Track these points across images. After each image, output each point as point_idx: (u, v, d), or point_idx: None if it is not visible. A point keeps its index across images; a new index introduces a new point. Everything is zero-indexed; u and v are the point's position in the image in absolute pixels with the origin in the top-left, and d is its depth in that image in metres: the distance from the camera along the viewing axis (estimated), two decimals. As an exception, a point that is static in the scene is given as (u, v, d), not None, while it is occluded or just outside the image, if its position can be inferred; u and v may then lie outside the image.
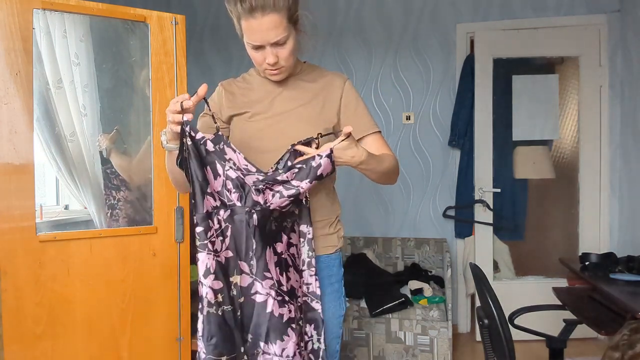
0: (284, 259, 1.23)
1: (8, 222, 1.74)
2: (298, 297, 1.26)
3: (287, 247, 1.25)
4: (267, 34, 1.20)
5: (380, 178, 1.36)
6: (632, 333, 1.05)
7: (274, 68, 1.28)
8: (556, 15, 3.33)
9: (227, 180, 1.18)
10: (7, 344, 1.73)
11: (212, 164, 1.18)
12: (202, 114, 1.42)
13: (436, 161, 3.56)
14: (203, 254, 1.15)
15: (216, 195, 1.17)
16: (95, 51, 2.15)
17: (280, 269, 1.22)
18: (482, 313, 1.76)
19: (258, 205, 1.19)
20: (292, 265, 1.26)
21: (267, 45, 1.23)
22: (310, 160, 1.17)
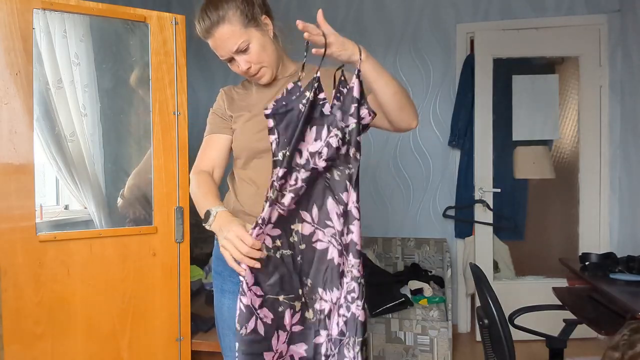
0: (348, 210, 1.18)
1: (8, 222, 1.74)
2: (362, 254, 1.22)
3: (357, 197, 1.19)
4: (226, 45, 1.28)
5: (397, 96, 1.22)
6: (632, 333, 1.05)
7: (251, 74, 1.32)
8: (556, 15, 3.33)
9: (325, 148, 1.14)
10: (7, 344, 1.73)
11: (319, 126, 1.15)
12: (212, 111, 1.44)
13: (436, 161, 3.56)
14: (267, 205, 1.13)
15: (306, 154, 1.15)
16: (95, 51, 2.15)
17: (344, 220, 1.18)
18: (482, 313, 1.76)
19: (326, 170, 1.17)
20: (359, 219, 1.19)
21: (234, 56, 1.29)
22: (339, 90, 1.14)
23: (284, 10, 3.60)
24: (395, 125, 1.28)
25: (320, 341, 1.21)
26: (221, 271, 1.44)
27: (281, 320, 1.18)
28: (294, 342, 1.21)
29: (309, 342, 1.21)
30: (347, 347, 1.19)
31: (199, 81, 3.67)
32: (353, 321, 1.18)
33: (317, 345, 1.21)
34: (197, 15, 1.29)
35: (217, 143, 1.41)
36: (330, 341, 1.21)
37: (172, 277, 2.05)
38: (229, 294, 1.41)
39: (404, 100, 1.23)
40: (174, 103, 2.04)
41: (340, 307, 1.19)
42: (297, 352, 1.21)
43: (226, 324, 1.42)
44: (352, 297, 1.19)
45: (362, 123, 1.15)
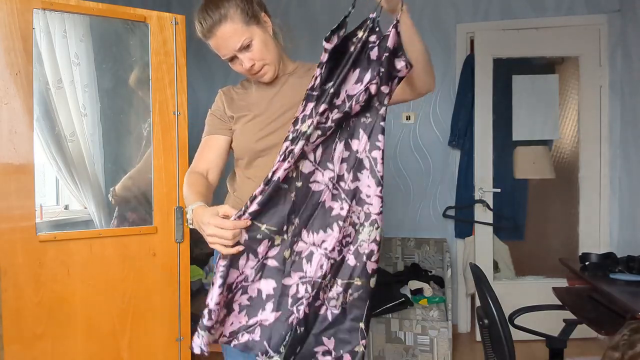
0: (359, 159, 1.17)
1: (8, 222, 1.74)
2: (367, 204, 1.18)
3: (370, 147, 1.17)
4: (228, 43, 1.27)
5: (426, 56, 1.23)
6: (632, 333, 1.05)
7: (254, 71, 1.32)
8: (556, 15, 3.33)
9: (363, 93, 1.13)
10: (7, 344, 1.73)
11: (363, 70, 1.13)
12: (210, 112, 1.43)
13: (436, 161, 3.56)
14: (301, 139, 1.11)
15: (343, 95, 1.13)
16: (95, 51, 2.15)
17: (347, 165, 1.18)
18: (482, 313, 1.76)
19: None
20: (370, 169, 1.17)
21: (236, 54, 1.29)
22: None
23: (284, 9, 3.60)
24: (418, 88, 1.28)
25: (289, 282, 1.18)
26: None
27: (254, 246, 1.15)
28: (265, 276, 1.18)
29: (279, 281, 1.18)
30: (324, 289, 1.18)
31: (199, 81, 3.67)
32: (341, 264, 1.18)
33: (284, 286, 1.18)
34: (197, 16, 1.29)
35: (215, 144, 1.40)
36: (307, 284, 1.18)
37: (172, 277, 2.05)
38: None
39: (429, 60, 1.25)
40: (174, 103, 2.04)
41: (332, 250, 1.17)
42: (265, 287, 1.18)
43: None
44: (346, 241, 1.19)
45: (398, 75, 1.14)
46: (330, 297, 1.19)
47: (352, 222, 1.19)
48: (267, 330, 1.17)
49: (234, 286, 1.16)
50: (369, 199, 1.17)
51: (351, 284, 1.19)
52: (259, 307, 1.18)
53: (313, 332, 1.19)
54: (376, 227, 1.17)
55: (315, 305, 1.19)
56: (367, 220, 1.18)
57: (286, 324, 1.17)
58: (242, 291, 1.17)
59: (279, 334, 1.17)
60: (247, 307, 1.18)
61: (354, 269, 1.19)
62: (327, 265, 1.17)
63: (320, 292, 1.18)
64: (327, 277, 1.18)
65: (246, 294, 1.17)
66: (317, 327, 1.19)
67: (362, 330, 1.20)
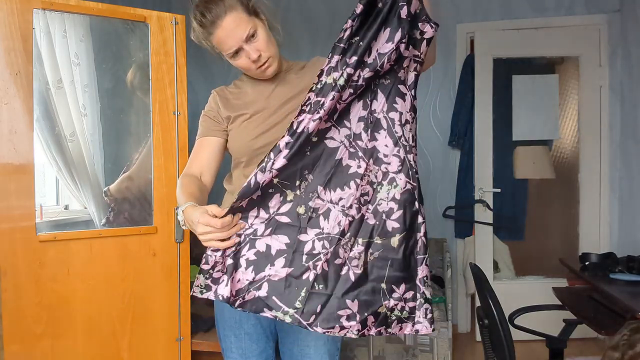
0: (377, 118, 1.18)
1: (8, 222, 1.74)
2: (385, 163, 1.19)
3: (388, 108, 1.18)
4: (235, 33, 1.25)
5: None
6: (632, 333, 1.05)
7: (260, 63, 1.29)
8: (556, 15, 3.33)
9: (394, 52, 1.13)
10: (7, 344, 1.73)
11: (394, 29, 1.12)
12: (204, 113, 1.42)
13: (436, 161, 3.56)
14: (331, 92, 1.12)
15: (374, 54, 1.13)
16: (95, 51, 2.15)
17: (365, 125, 1.18)
18: (482, 313, 1.76)
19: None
20: (387, 129, 1.18)
21: (242, 45, 1.26)
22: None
23: (283, 9, 3.60)
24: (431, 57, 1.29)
25: (305, 239, 1.17)
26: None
27: (266, 200, 1.15)
28: (276, 232, 1.17)
29: (293, 237, 1.17)
30: (345, 247, 1.18)
31: (199, 81, 3.67)
32: (360, 223, 1.18)
33: (300, 243, 1.17)
34: (196, 11, 1.26)
35: (209, 146, 1.39)
36: (324, 240, 1.18)
37: (172, 277, 2.05)
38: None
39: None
40: (174, 103, 2.04)
41: (350, 207, 1.18)
42: (275, 243, 1.17)
43: (227, 325, 1.41)
44: (364, 200, 1.19)
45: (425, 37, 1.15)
46: (352, 257, 1.18)
47: (369, 180, 1.20)
48: (277, 285, 1.16)
49: (242, 239, 1.15)
50: (387, 158, 1.19)
51: (371, 243, 1.19)
52: (267, 262, 1.16)
53: (335, 295, 1.16)
54: (394, 186, 1.19)
55: (335, 264, 1.17)
56: (386, 179, 1.19)
57: (301, 280, 1.16)
58: (250, 245, 1.16)
59: (293, 289, 1.16)
60: (254, 262, 1.16)
61: (373, 228, 1.19)
62: (345, 222, 1.18)
63: (340, 249, 1.17)
64: (347, 235, 1.18)
65: (254, 248, 1.16)
66: (339, 288, 1.17)
67: (383, 290, 1.18)
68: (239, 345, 1.41)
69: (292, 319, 1.14)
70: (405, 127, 1.20)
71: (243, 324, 1.40)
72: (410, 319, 1.19)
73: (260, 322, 1.41)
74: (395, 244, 1.18)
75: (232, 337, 1.41)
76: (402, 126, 1.19)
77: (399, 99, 1.18)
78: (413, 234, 1.20)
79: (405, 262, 1.18)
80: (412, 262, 1.19)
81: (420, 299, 1.19)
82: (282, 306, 1.15)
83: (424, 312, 1.19)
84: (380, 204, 1.19)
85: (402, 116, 1.19)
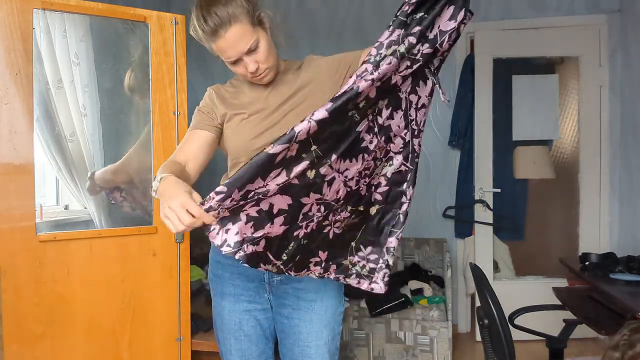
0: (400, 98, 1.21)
1: (8, 222, 1.74)
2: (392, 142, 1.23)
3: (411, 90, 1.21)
4: (237, 45, 1.23)
5: None
6: (632, 333, 1.05)
7: (258, 74, 1.29)
8: (556, 15, 3.33)
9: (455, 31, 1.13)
10: (7, 344, 1.73)
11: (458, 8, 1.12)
12: (198, 109, 1.41)
13: (436, 161, 3.56)
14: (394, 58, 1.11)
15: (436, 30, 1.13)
16: (95, 51, 2.15)
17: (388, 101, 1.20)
18: (482, 313, 1.76)
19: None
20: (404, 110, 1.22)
21: (242, 56, 1.25)
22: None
23: (283, 10, 3.60)
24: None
25: (306, 202, 1.16)
26: (221, 274, 1.43)
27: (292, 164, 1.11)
28: (283, 192, 1.13)
29: (296, 199, 1.15)
30: (334, 212, 1.22)
31: (199, 81, 3.67)
32: (354, 194, 1.23)
33: (300, 204, 1.16)
34: (198, 14, 1.22)
35: (197, 138, 1.36)
36: (322, 204, 1.18)
37: (172, 277, 2.05)
38: (229, 297, 1.40)
39: None
40: (174, 103, 2.04)
41: (351, 179, 1.21)
42: (279, 202, 1.14)
43: (226, 328, 1.41)
44: (365, 173, 1.24)
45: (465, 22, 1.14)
46: (337, 220, 1.24)
47: (375, 156, 1.24)
48: (272, 241, 1.16)
49: (250, 194, 1.09)
50: (395, 138, 1.24)
51: (355, 211, 1.26)
52: (267, 220, 1.14)
53: (311, 246, 1.23)
54: (390, 164, 1.26)
55: (322, 225, 1.22)
56: (386, 157, 1.26)
57: (291, 236, 1.18)
58: (255, 203, 1.12)
59: (283, 243, 1.17)
60: (255, 219, 1.12)
61: (362, 198, 1.26)
62: (343, 191, 1.21)
63: (330, 214, 1.22)
64: (340, 202, 1.22)
65: (257, 206, 1.12)
66: (317, 242, 1.24)
67: (352, 248, 1.30)
68: (238, 348, 1.41)
69: (276, 269, 1.19)
70: (420, 111, 1.26)
71: (243, 326, 1.40)
72: (367, 277, 1.30)
73: (259, 323, 1.41)
74: (373, 212, 1.29)
75: (232, 340, 1.41)
76: (418, 110, 1.25)
77: (422, 82, 1.22)
78: (392, 209, 1.29)
79: (377, 230, 1.30)
80: (385, 231, 1.30)
81: (381, 264, 1.29)
82: (272, 259, 1.18)
83: (382, 275, 1.29)
84: (374, 178, 1.27)
85: (420, 100, 1.25)
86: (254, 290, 1.40)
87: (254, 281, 1.39)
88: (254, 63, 1.26)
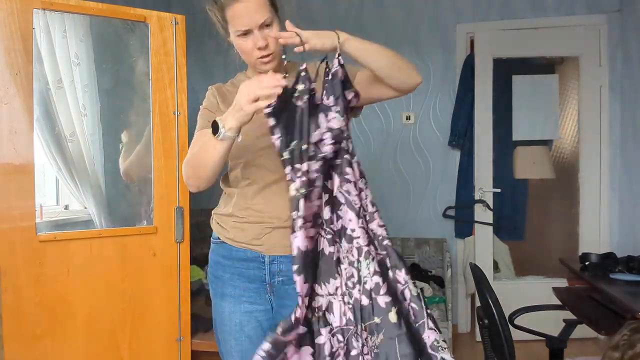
0: (334, 197, 1.19)
1: (8, 222, 1.74)
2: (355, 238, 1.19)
3: (341, 182, 1.19)
4: (254, 16, 1.23)
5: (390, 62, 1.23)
6: (632, 333, 1.05)
7: (264, 53, 1.28)
8: (556, 15, 3.33)
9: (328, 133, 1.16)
10: (7, 344, 1.73)
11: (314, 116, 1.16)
12: (203, 107, 1.41)
13: (436, 161, 3.56)
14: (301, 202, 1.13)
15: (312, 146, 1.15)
16: (95, 51, 2.15)
17: (329, 207, 1.19)
18: (482, 313, 1.76)
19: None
20: (346, 203, 1.18)
21: (255, 29, 1.25)
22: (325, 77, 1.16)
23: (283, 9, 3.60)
24: (401, 88, 1.28)
25: (321, 341, 1.17)
26: (220, 275, 1.43)
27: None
28: (299, 345, 1.16)
29: (312, 344, 1.17)
30: (355, 336, 1.17)
31: (199, 81, 3.66)
32: (359, 307, 1.17)
33: (319, 347, 1.17)
34: None
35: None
36: (337, 334, 1.18)
37: (172, 277, 2.05)
38: (230, 298, 1.40)
39: (398, 62, 1.24)
40: (174, 103, 2.04)
41: (344, 295, 1.18)
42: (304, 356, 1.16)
43: (227, 329, 1.40)
44: (352, 282, 1.18)
45: (349, 106, 1.17)
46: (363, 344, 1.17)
47: (350, 261, 1.19)
48: None
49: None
50: (354, 232, 1.18)
51: (373, 325, 1.16)
52: None
53: None
54: (372, 259, 1.17)
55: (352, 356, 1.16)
56: (361, 255, 1.18)
57: None
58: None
59: None
60: None
61: (370, 309, 1.17)
62: (349, 310, 1.17)
63: (353, 339, 1.17)
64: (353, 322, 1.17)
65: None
66: None
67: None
68: (239, 349, 1.40)
69: None
70: (361, 195, 1.20)
71: (244, 327, 1.39)
72: None
73: (260, 325, 1.40)
74: (394, 319, 1.14)
75: (232, 341, 1.40)
76: (359, 195, 1.19)
77: (348, 168, 1.19)
78: (402, 304, 1.18)
79: (410, 334, 1.14)
80: (416, 332, 1.15)
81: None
82: None
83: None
84: (366, 282, 1.17)
85: (356, 185, 1.19)
86: (254, 291, 1.39)
87: (254, 282, 1.39)
88: (264, 40, 1.26)
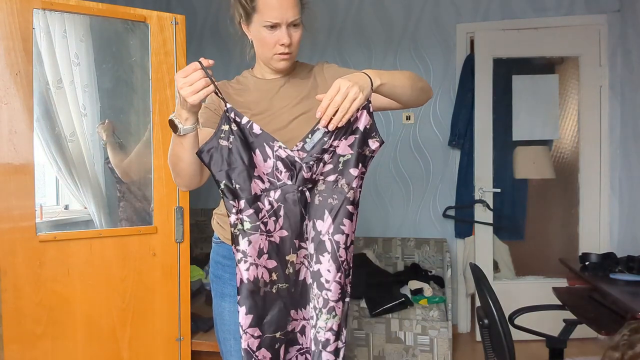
0: (321, 240, 1.16)
1: (8, 222, 1.74)
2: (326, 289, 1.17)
3: (334, 230, 1.15)
4: (287, 11, 1.24)
5: (414, 92, 1.27)
6: (632, 333, 1.05)
7: (284, 51, 1.28)
8: (556, 15, 3.33)
9: (278, 161, 1.14)
10: (7, 344, 1.73)
11: (260, 146, 1.14)
12: (204, 105, 1.40)
13: (436, 161, 3.56)
14: (256, 235, 1.11)
15: (265, 177, 1.14)
16: (95, 51, 2.15)
17: (313, 245, 1.17)
18: (482, 313, 1.76)
19: (309, 182, 1.15)
20: (332, 253, 1.15)
21: (283, 25, 1.25)
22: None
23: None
24: (416, 106, 1.35)
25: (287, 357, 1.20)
26: (221, 275, 1.43)
27: (277, 357, 1.16)
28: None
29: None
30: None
31: (199, 81, 3.66)
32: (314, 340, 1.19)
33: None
34: None
35: (205, 137, 1.33)
36: (305, 353, 1.21)
37: (172, 277, 2.05)
38: (230, 298, 1.40)
39: (419, 86, 1.28)
40: (174, 103, 2.04)
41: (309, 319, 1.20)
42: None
43: (227, 328, 1.41)
44: (310, 324, 1.20)
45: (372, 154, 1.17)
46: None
47: (314, 305, 1.18)
48: None
49: None
50: (328, 284, 1.16)
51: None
52: None
53: None
54: (333, 316, 1.16)
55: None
56: (325, 307, 1.16)
57: None
58: None
59: None
60: None
61: (314, 356, 1.19)
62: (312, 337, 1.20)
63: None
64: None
65: None
66: None
67: None
68: (239, 349, 1.40)
69: None
70: (349, 250, 1.18)
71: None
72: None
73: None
74: None
75: (232, 341, 1.40)
76: (347, 249, 1.17)
77: (346, 220, 1.16)
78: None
79: None
80: None
81: None
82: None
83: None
84: (319, 332, 1.17)
85: (348, 238, 1.17)
86: (254, 291, 1.39)
87: (254, 282, 1.39)
88: (289, 38, 1.26)
